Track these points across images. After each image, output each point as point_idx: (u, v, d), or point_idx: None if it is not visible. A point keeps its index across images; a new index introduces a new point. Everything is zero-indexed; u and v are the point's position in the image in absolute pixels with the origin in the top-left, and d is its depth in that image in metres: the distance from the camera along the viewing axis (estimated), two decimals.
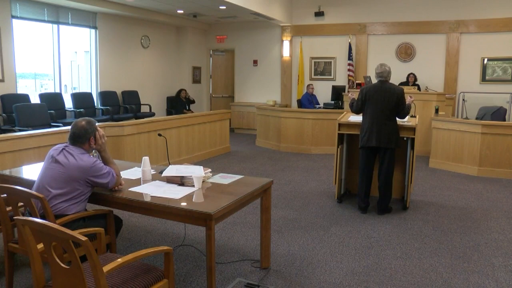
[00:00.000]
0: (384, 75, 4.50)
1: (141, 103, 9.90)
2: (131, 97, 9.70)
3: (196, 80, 11.59)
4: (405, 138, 4.67)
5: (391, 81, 4.64)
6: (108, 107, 8.90)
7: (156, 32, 10.48)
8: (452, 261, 3.45)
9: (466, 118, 8.43)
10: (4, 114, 7.03)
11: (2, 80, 7.15)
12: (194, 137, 7.20)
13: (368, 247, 3.71)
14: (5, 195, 2.61)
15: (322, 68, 10.66)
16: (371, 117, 4.48)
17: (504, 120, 7.65)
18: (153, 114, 9.72)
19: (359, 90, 4.85)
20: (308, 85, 9.98)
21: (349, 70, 10.07)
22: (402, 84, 8.97)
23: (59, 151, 2.71)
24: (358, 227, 4.19)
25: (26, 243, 2.03)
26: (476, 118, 7.74)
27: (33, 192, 2.55)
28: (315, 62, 10.71)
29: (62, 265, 1.98)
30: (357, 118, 4.86)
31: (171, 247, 2.29)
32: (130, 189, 2.86)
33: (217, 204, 2.57)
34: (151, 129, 6.15)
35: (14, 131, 6.17)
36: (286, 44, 10.79)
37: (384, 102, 4.43)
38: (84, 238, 1.82)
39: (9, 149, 4.44)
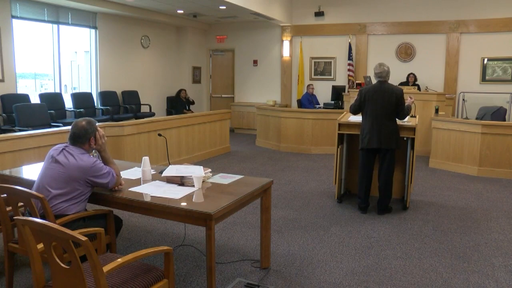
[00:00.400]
0: (383, 75, 4.49)
1: (141, 103, 9.90)
2: (131, 97, 9.70)
3: (196, 80, 11.59)
4: (405, 138, 4.67)
5: (390, 81, 4.63)
6: (108, 107, 8.90)
7: (156, 32, 10.48)
8: (452, 261, 3.45)
9: (466, 118, 8.43)
10: (4, 114, 7.03)
11: (2, 80, 7.15)
12: (194, 137, 7.20)
13: (368, 247, 3.71)
14: (5, 195, 2.61)
15: (322, 68, 10.66)
16: (371, 118, 4.47)
17: (504, 120, 7.64)
18: (153, 114, 9.72)
19: (358, 90, 4.85)
20: (308, 85, 9.97)
21: (349, 70, 10.07)
22: (402, 84, 8.97)
23: (59, 151, 2.71)
24: (358, 227, 4.19)
25: (26, 243, 2.03)
26: (476, 118, 7.73)
27: (33, 192, 2.55)
28: (315, 62, 10.71)
29: (62, 265, 1.98)
30: (357, 118, 4.85)
31: (171, 247, 2.29)
32: (130, 189, 2.86)
33: (217, 204, 2.57)
34: (151, 129, 6.15)
35: (14, 131, 6.17)
36: (286, 44, 10.79)
37: (383, 102, 4.42)
38: (84, 238, 1.82)
39: (9, 149, 4.44)
